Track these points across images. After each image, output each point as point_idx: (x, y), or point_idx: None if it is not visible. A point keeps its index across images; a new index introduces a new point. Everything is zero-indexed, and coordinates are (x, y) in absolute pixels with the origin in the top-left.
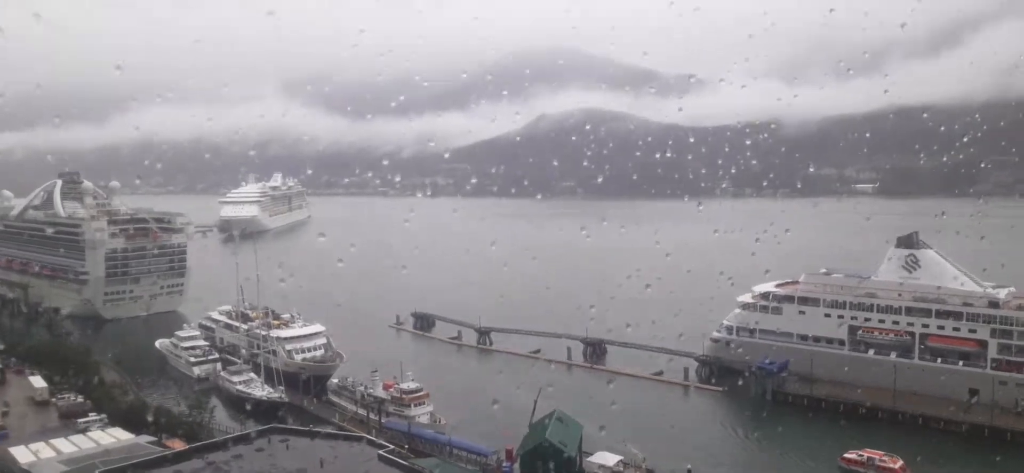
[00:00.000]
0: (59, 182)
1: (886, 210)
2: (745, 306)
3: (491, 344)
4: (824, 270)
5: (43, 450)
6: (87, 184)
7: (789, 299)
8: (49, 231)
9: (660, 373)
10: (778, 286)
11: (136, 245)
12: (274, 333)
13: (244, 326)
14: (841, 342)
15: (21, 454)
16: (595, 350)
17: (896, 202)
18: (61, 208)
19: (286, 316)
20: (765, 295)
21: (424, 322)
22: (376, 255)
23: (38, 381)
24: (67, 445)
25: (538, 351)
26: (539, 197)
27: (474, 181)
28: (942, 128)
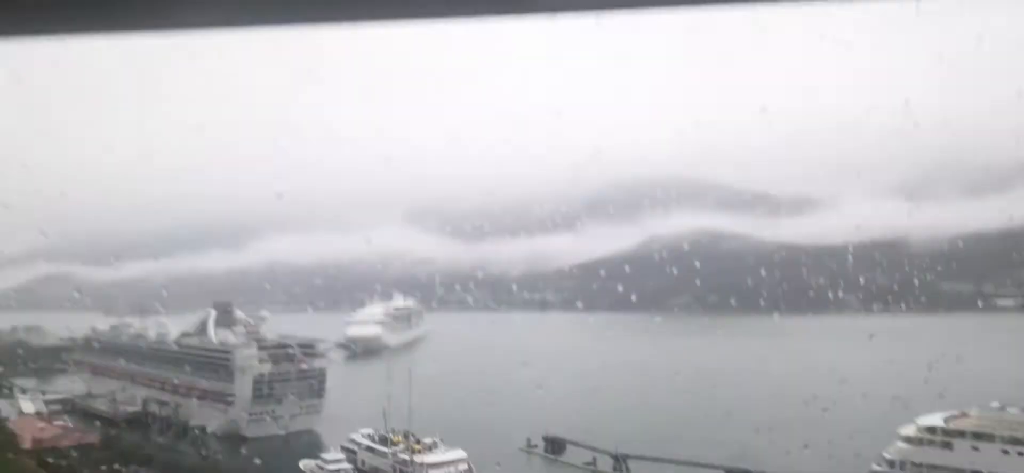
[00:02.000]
0: (213, 312)
1: None
2: (908, 440)
3: (628, 471)
4: (996, 404)
5: None
6: (239, 314)
7: (960, 434)
8: (202, 356)
9: None
10: (946, 419)
11: (281, 369)
12: (418, 458)
13: (388, 450)
14: None
15: None
16: None
17: None
18: (214, 335)
19: (428, 440)
20: (932, 429)
21: (555, 446)
22: (495, 374)
23: None
24: None
25: None
26: (659, 319)
27: (582, 301)
28: None
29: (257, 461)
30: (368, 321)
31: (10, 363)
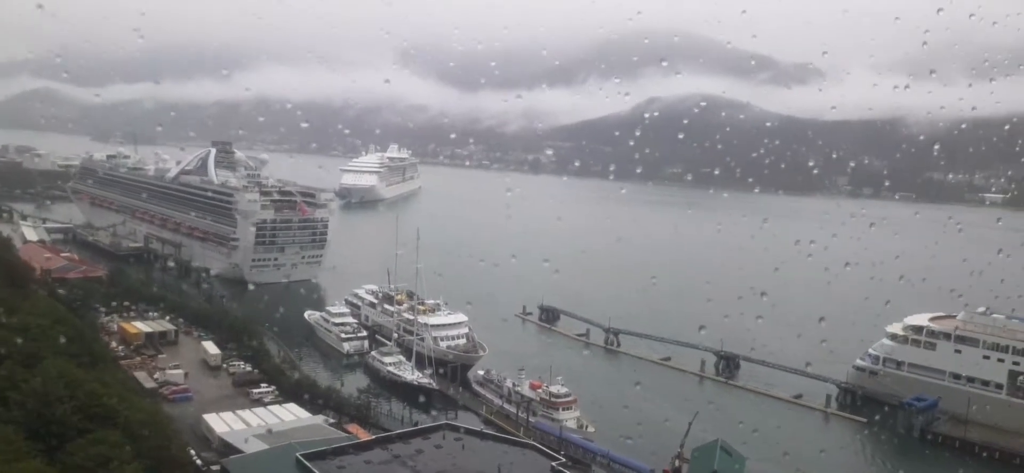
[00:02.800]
0: (213, 150)
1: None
2: (894, 337)
3: (619, 345)
4: (982, 309)
5: (234, 422)
6: (239, 154)
7: (945, 336)
8: (204, 196)
9: (799, 396)
10: (932, 320)
11: (284, 217)
12: (421, 319)
13: (392, 308)
14: (998, 386)
15: (215, 423)
16: (729, 364)
17: None
18: (214, 176)
19: (431, 302)
20: (918, 329)
21: (549, 315)
22: (488, 235)
23: (211, 346)
24: (253, 418)
25: (668, 358)
26: (650, 185)
27: (578, 163)
28: None
29: (261, 301)
30: (364, 170)
31: (7, 186)
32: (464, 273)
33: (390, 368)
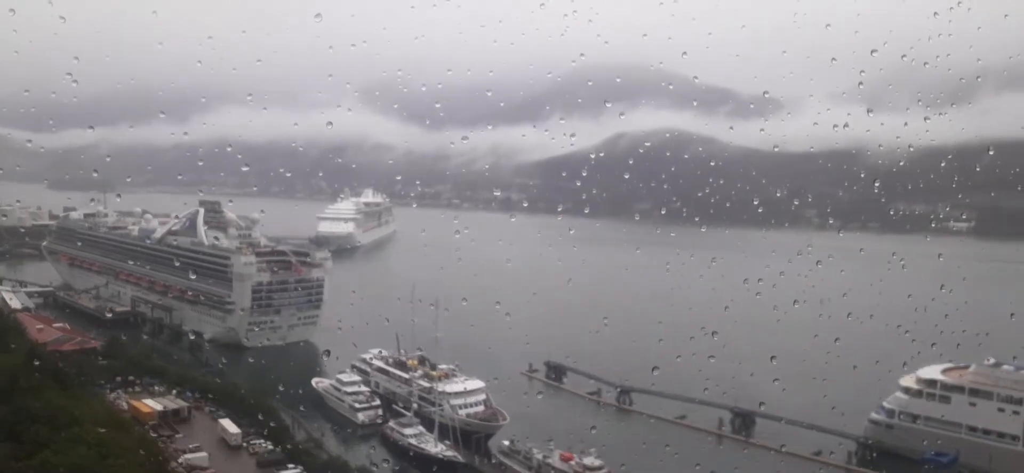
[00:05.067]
0: (201, 210)
1: (990, 255)
2: (908, 390)
3: (631, 404)
4: (992, 360)
5: None
6: (230, 214)
7: (959, 389)
8: (195, 258)
9: (819, 453)
10: (945, 373)
11: (279, 278)
12: (439, 386)
13: (405, 375)
14: (1014, 438)
15: None
16: (744, 421)
17: (995, 245)
18: (205, 236)
19: (444, 367)
20: (932, 382)
21: (556, 372)
22: (467, 281)
23: (230, 424)
24: None
25: (683, 417)
26: (636, 219)
27: (546, 201)
28: None
29: (262, 368)
30: (340, 217)
31: None
32: (452, 325)
33: (412, 440)
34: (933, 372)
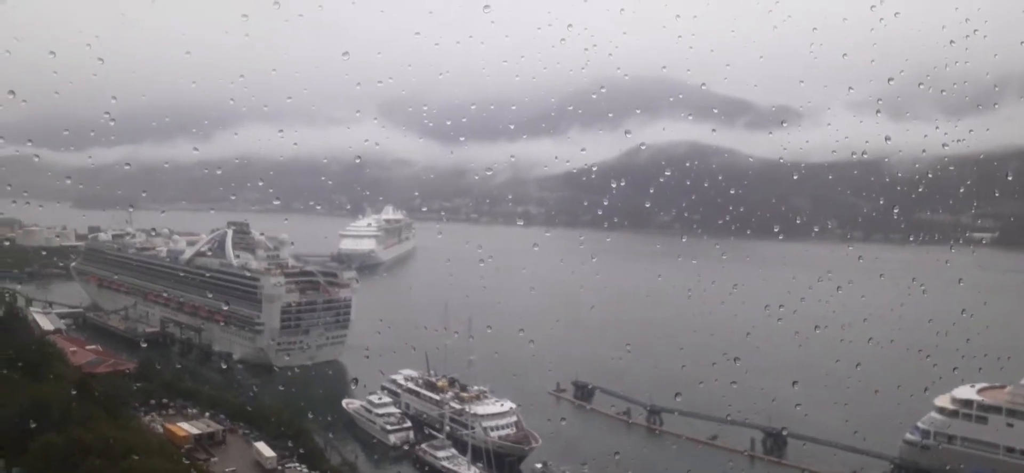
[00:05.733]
0: (230, 232)
1: (1016, 266)
2: (943, 411)
3: (662, 424)
4: None
5: None
6: (259, 236)
7: (996, 409)
8: (224, 280)
9: None
10: (980, 393)
11: (308, 299)
12: (470, 408)
13: (436, 396)
14: None
15: None
16: (776, 441)
17: (1020, 254)
18: (233, 258)
19: (475, 389)
20: (967, 403)
21: (584, 392)
22: (487, 297)
23: (265, 448)
24: None
25: (715, 437)
26: (642, 234)
27: (567, 214)
28: None
29: (292, 389)
30: (362, 235)
31: (1, 266)
32: (477, 345)
33: (445, 463)
34: (969, 392)
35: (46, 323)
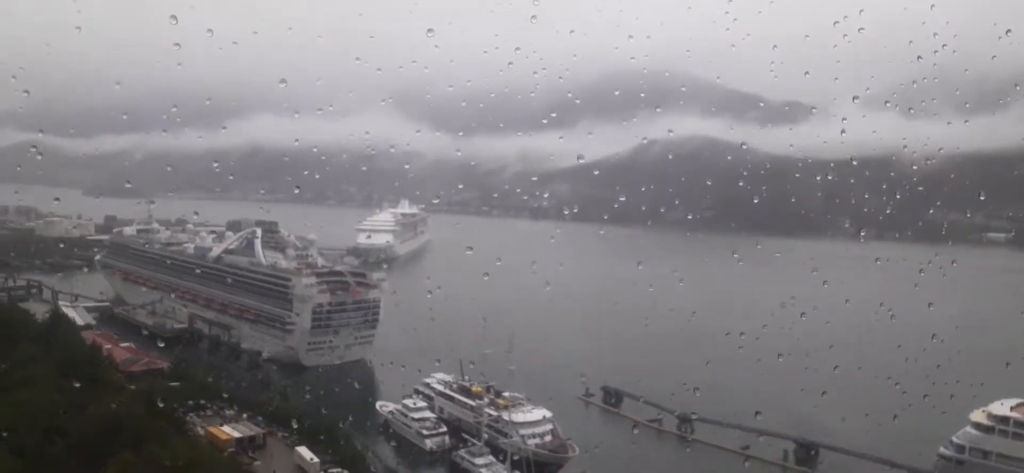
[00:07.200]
0: (259, 231)
1: None
2: (978, 426)
3: (693, 432)
4: None
5: None
6: (287, 235)
7: None
8: (255, 278)
9: None
10: (1015, 409)
11: (338, 299)
12: (506, 415)
13: (471, 402)
14: None
15: None
16: (808, 452)
17: None
18: (263, 257)
19: (508, 395)
20: (1003, 419)
21: (613, 397)
22: (515, 299)
23: (306, 453)
24: None
25: (747, 447)
26: (652, 229)
27: (577, 208)
28: None
29: (322, 388)
30: (379, 229)
31: (25, 257)
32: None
33: (483, 470)
34: (1003, 408)
35: (77, 318)
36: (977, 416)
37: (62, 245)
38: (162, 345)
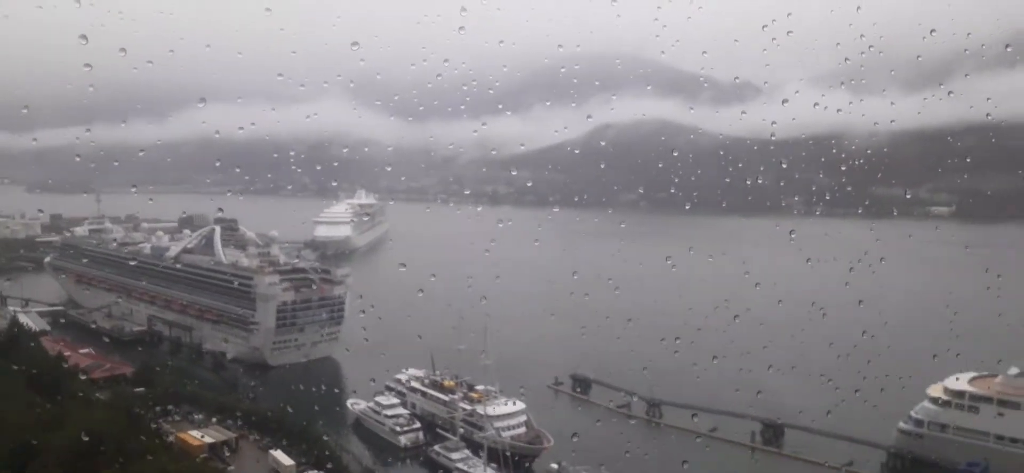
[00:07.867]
0: (218, 228)
1: (977, 239)
2: (936, 400)
3: (661, 417)
4: (1016, 371)
5: None
6: (248, 233)
7: (987, 399)
8: (216, 278)
9: (851, 464)
10: (971, 382)
11: (302, 297)
12: (480, 408)
13: (444, 396)
14: None
15: None
16: (774, 432)
17: (977, 228)
18: (223, 255)
19: (481, 388)
20: (959, 393)
21: (582, 385)
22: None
23: (282, 456)
24: None
25: (715, 429)
26: (610, 212)
27: (534, 194)
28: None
29: (288, 387)
30: (337, 221)
31: None
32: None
33: (459, 465)
34: (960, 382)
35: (30, 323)
36: (934, 390)
37: (16, 244)
38: (129, 344)
